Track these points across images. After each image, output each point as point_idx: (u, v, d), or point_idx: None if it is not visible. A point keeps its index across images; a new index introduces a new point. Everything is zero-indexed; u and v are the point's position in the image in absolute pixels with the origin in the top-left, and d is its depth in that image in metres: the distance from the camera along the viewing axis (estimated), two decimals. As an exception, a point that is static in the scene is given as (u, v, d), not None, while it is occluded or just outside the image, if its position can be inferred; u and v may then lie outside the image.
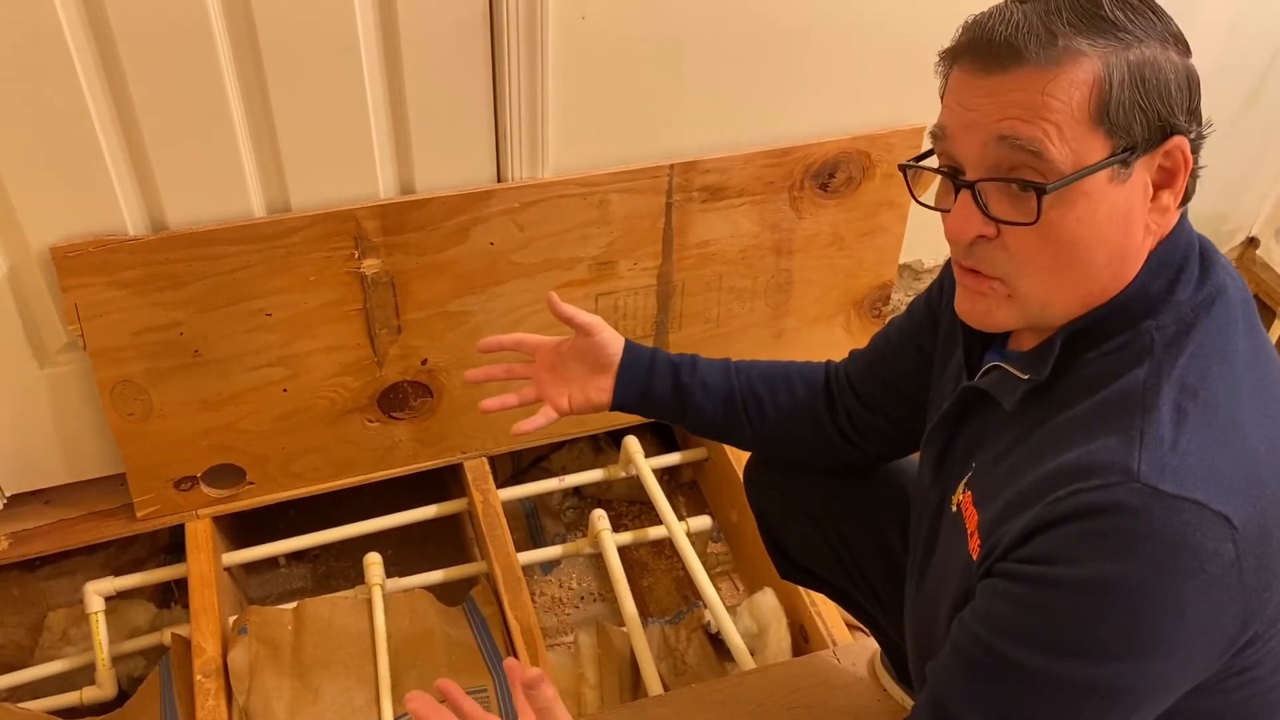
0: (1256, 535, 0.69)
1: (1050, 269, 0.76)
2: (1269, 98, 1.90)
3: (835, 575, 1.20)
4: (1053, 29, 0.71)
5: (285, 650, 1.41)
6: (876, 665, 1.35)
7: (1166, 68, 0.72)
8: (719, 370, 1.11)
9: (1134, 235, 0.76)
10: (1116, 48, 0.71)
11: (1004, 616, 0.74)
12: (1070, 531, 0.70)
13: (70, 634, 1.56)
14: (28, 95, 1.17)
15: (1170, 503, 0.67)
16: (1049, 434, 0.77)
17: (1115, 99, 0.71)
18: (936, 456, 0.92)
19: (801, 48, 1.47)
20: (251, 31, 1.21)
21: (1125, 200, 0.74)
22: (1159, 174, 0.75)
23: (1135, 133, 0.72)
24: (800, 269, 1.66)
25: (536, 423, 1.09)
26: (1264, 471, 0.71)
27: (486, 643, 1.45)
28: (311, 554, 1.74)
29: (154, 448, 1.45)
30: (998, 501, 0.78)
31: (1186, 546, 0.67)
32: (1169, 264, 0.77)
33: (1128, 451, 0.70)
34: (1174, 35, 0.74)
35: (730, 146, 1.51)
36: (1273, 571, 0.70)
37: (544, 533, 1.82)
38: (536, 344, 1.13)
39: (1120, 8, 0.72)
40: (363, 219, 1.37)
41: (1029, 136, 0.72)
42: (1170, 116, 0.73)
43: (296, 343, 1.43)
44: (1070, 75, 0.71)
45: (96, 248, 1.28)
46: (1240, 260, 2.18)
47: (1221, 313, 0.76)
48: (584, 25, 1.34)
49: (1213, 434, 0.71)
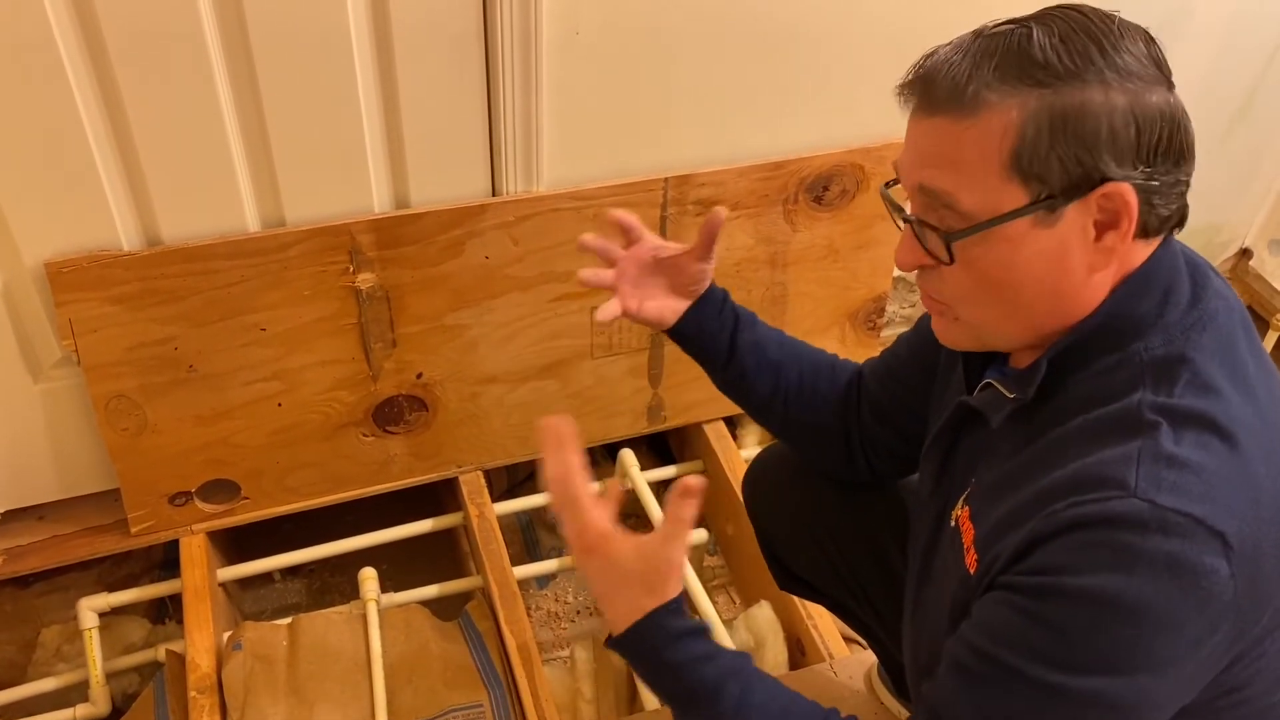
0: (1251, 555, 0.69)
1: (982, 303, 0.78)
2: (1260, 110, 1.91)
3: (833, 587, 1.20)
4: (976, 77, 0.71)
5: (280, 666, 1.40)
6: (873, 678, 1.35)
7: (1099, 113, 0.70)
8: (774, 338, 1.10)
9: (1071, 275, 0.75)
10: (1041, 94, 0.70)
11: (1003, 626, 0.73)
12: (1069, 542, 0.70)
13: (64, 650, 1.56)
14: (22, 110, 1.17)
15: (1168, 517, 0.67)
16: (1044, 450, 0.77)
17: (1030, 149, 0.70)
18: (935, 470, 0.93)
19: (795, 61, 1.48)
20: (246, 46, 1.21)
21: (1057, 243, 0.73)
22: (1100, 216, 0.72)
23: (1054, 181, 0.71)
24: (795, 282, 1.66)
25: (610, 310, 1.07)
26: (1262, 494, 0.71)
27: (482, 658, 1.44)
28: (306, 569, 1.74)
29: (148, 463, 1.44)
30: (993, 516, 0.78)
31: (1184, 563, 0.67)
32: (1154, 287, 0.76)
33: (1126, 467, 0.70)
34: (1126, 72, 0.70)
35: (724, 160, 1.52)
36: (1263, 592, 0.71)
37: (540, 546, 1.81)
38: (642, 233, 1.09)
39: (1057, 50, 0.70)
40: (358, 233, 1.37)
41: (940, 189, 0.74)
42: (1096, 164, 0.70)
43: (291, 357, 1.43)
44: (985, 125, 0.71)
45: (91, 263, 1.28)
46: (1234, 271, 2.18)
47: (1217, 333, 0.76)
48: (578, 40, 1.34)
49: (1211, 454, 0.70)
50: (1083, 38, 0.71)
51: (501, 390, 1.58)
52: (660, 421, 1.73)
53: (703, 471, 1.78)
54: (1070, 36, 0.71)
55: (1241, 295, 2.15)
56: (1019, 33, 0.72)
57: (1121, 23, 0.73)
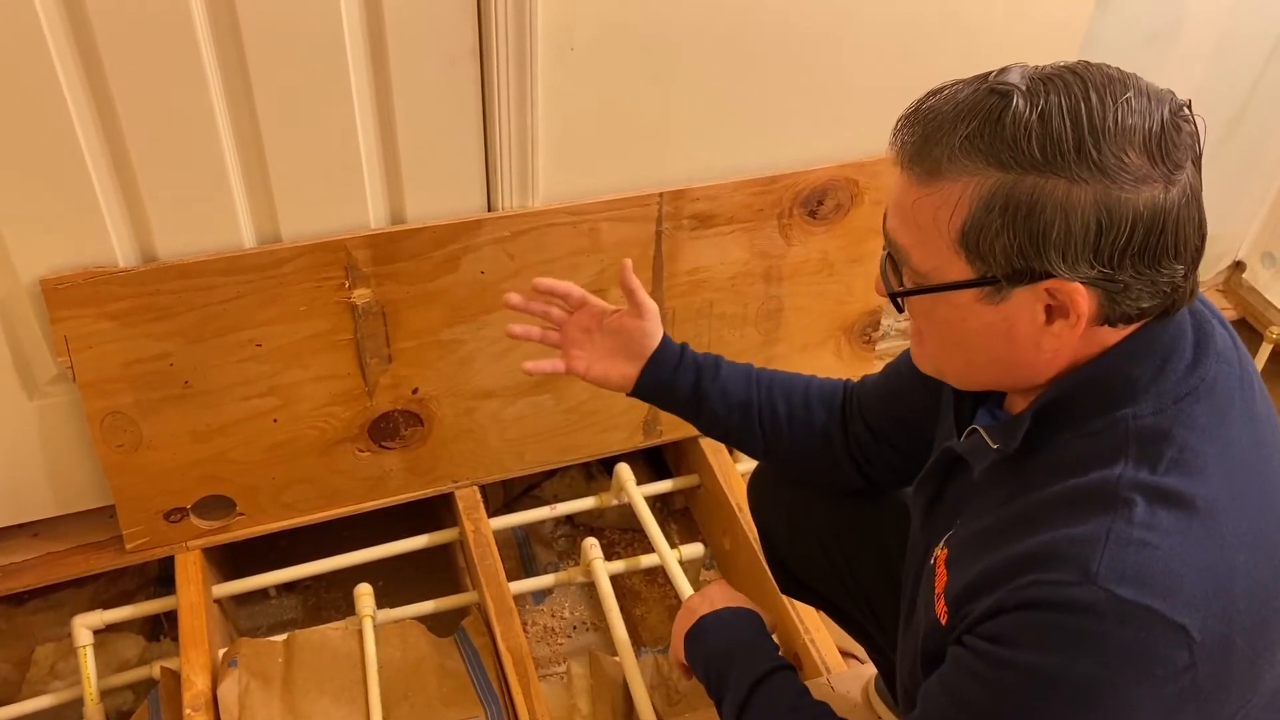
0: (1218, 646, 0.67)
1: (940, 348, 0.80)
2: (1252, 123, 1.92)
3: (836, 592, 1.20)
4: (946, 141, 0.69)
5: (276, 683, 1.40)
6: (870, 692, 1.35)
7: (1055, 208, 0.67)
8: (741, 379, 1.10)
9: (1019, 351, 0.74)
10: (1001, 177, 0.68)
11: (960, 687, 0.75)
12: (1024, 619, 0.70)
13: (58, 668, 1.55)
14: (17, 126, 1.18)
15: (1125, 608, 0.66)
16: (1022, 512, 0.75)
17: (978, 228, 0.69)
18: (925, 507, 0.93)
19: (790, 76, 1.49)
20: (242, 62, 1.22)
21: (1002, 319, 0.72)
22: (1052, 303, 0.71)
23: (997, 264, 0.70)
24: (790, 295, 1.67)
25: (543, 367, 1.10)
26: (1237, 583, 0.68)
27: (478, 673, 1.44)
28: (302, 585, 1.73)
29: (143, 479, 1.44)
30: (966, 574, 0.77)
31: (1137, 652, 0.66)
32: (1153, 350, 0.73)
33: (1091, 549, 0.68)
34: (1103, 168, 0.66)
35: (719, 174, 1.52)
36: (1233, 678, 0.69)
37: (536, 562, 1.81)
38: (583, 298, 1.11)
39: (1031, 132, 0.67)
40: (353, 249, 1.37)
41: (900, 243, 0.75)
42: (1040, 257, 0.68)
43: (287, 373, 1.43)
44: (943, 194, 0.70)
45: (86, 279, 1.28)
46: (1227, 284, 2.19)
47: (1212, 403, 0.73)
48: (573, 56, 1.35)
49: (1185, 540, 0.68)
50: (1067, 122, 0.66)
51: (497, 405, 1.58)
52: (656, 436, 1.73)
53: (698, 486, 1.78)
54: (1052, 118, 0.67)
55: (1235, 308, 2.15)
56: (1002, 102, 0.68)
57: (1126, 105, 0.67)
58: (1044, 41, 1.58)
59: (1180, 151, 0.68)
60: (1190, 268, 0.71)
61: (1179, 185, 0.68)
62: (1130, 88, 0.68)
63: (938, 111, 0.71)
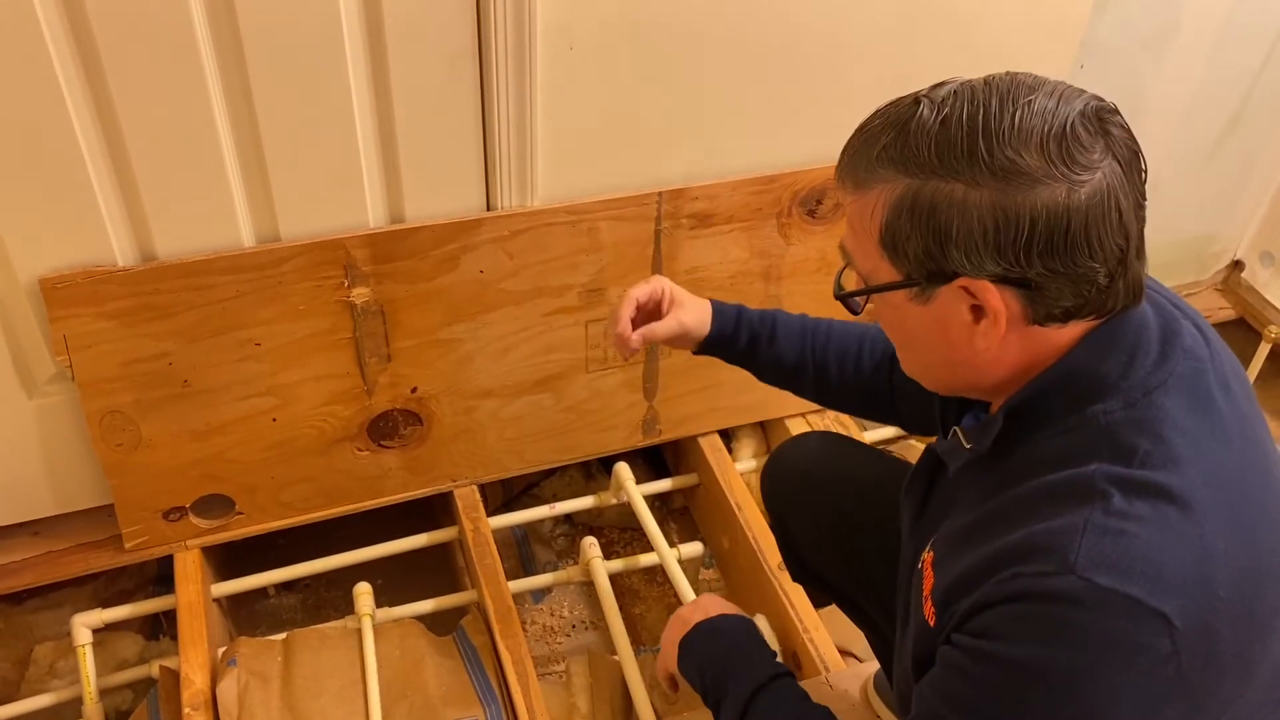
0: (1200, 633, 0.67)
1: (901, 351, 0.85)
2: (1250, 123, 1.92)
3: (848, 585, 1.20)
4: (869, 152, 0.74)
5: (275, 682, 1.40)
6: (869, 691, 1.35)
7: (954, 209, 0.70)
8: (795, 344, 1.14)
9: (958, 349, 0.76)
10: (909, 183, 0.72)
11: (949, 685, 0.75)
12: (1007, 611, 0.71)
13: (57, 667, 1.55)
14: (15, 125, 1.18)
15: (1105, 596, 0.67)
16: (1001, 509, 0.76)
17: (892, 232, 0.74)
18: (914, 511, 0.94)
19: (789, 76, 1.49)
20: (241, 62, 1.22)
21: (935, 320, 0.76)
22: (975, 302, 0.73)
23: (912, 265, 0.74)
24: (789, 295, 1.67)
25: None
26: (1217, 570, 0.69)
27: (477, 672, 1.44)
28: (301, 584, 1.73)
29: (142, 478, 1.44)
30: (950, 573, 0.78)
31: (1118, 640, 0.67)
32: (1119, 347, 0.74)
33: (1070, 540, 0.69)
34: (1000, 170, 0.68)
35: (718, 174, 1.52)
36: (1221, 667, 0.69)
37: (535, 561, 1.81)
38: (651, 332, 1.14)
39: (932, 138, 0.71)
40: (352, 248, 1.37)
41: (847, 248, 0.80)
42: (945, 257, 0.72)
43: (286, 372, 1.43)
44: (868, 200, 0.75)
45: (85, 279, 1.28)
46: (1226, 284, 2.19)
47: (1182, 396, 0.74)
48: (572, 55, 1.35)
49: (1163, 529, 0.69)
50: (963, 127, 0.70)
51: (496, 404, 1.58)
52: (655, 435, 1.73)
53: (698, 485, 1.78)
54: (950, 124, 0.70)
55: (1233, 307, 2.15)
56: (910, 111, 0.73)
57: (1027, 108, 0.69)
58: (1043, 42, 1.59)
59: (1088, 153, 0.69)
60: (1116, 268, 0.72)
61: (1088, 186, 0.69)
62: (1039, 92, 0.70)
63: (869, 127, 0.76)
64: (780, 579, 1.52)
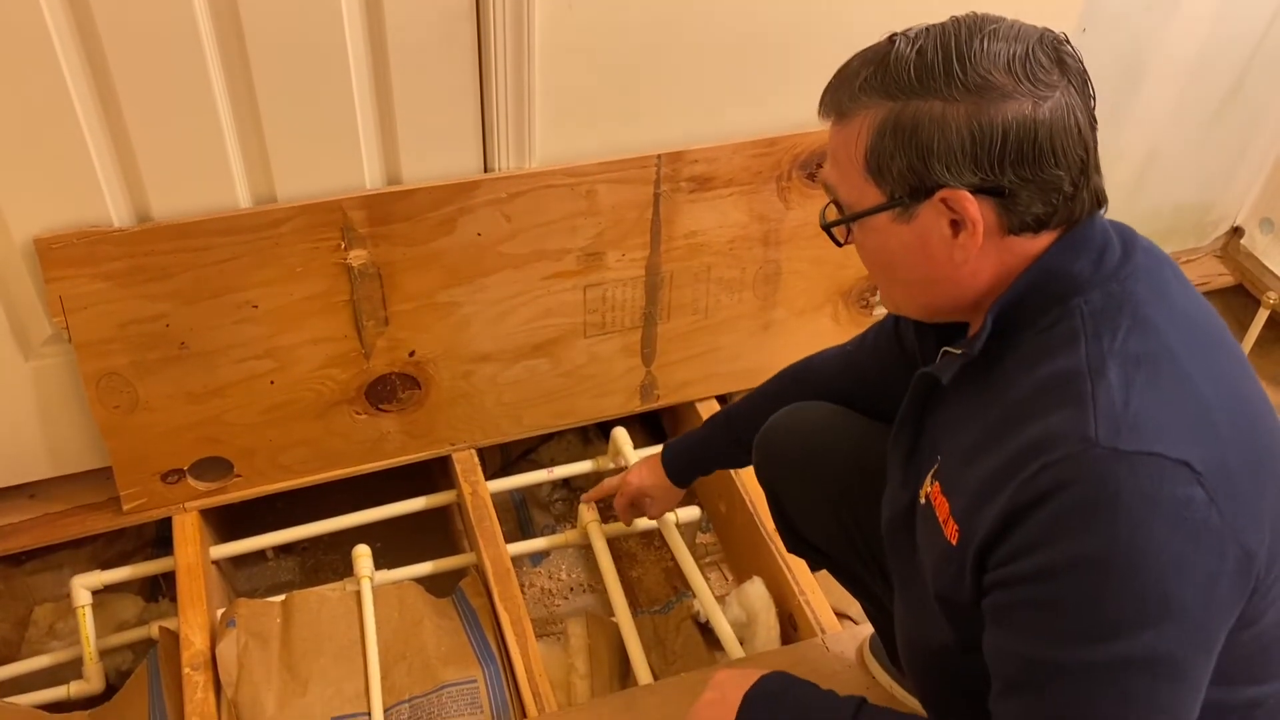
0: (1221, 474, 0.72)
1: (882, 280, 0.90)
2: (1251, 89, 1.91)
3: (843, 552, 1.20)
4: (851, 85, 0.81)
5: (274, 643, 1.40)
6: (865, 653, 1.36)
7: (934, 124, 0.77)
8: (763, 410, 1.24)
9: (938, 265, 0.82)
10: (890, 105, 0.78)
11: (1022, 624, 0.75)
12: (1045, 516, 0.72)
13: (57, 628, 1.56)
14: (10, 86, 1.16)
15: (1132, 459, 0.70)
16: (1002, 415, 0.80)
17: (877, 154, 0.80)
18: (905, 454, 0.95)
19: (789, 37, 1.47)
20: (236, 20, 1.20)
21: (917, 237, 0.82)
22: (953, 216, 0.79)
23: (897, 184, 0.80)
24: (788, 259, 1.66)
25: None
26: (1216, 415, 0.75)
27: (476, 634, 1.45)
28: (300, 547, 1.74)
29: (140, 441, 1.44)
30: (967, 488, 0.80)
31: (1159, 499, 0.69)
32: (1089, 247, 0.81)
33: (1083, 419, 0.73)
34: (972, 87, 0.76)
35: (718, 136, 1.51)
36: (1251, 505, 0.73)
37: (533, 524, 1.82)
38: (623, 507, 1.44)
39: (909, 64, 0.78)
40: (349, 210, 1.36)
41: (829, 182, 0.87)
42: (928, 172, 0.78)
43: (283, 335, 1.43)
44: (851, 129, 0.81)
45: (81, 239, 1.27)
46: (1225, 250, 2.19)
47: (1150, 278, 0.81)
48: (570, 15, 1.34)
49: (1160, 390, 0.74)
50: (939, 53, 0.77)
51: (494, 368, 1.58)
52: (653, 400, 1.73)
53: (695, 449, 1.78)
54: (926, 51, 0.78)
55: (1232, 274, 2.15)
56: (887, 46, 0.80)
57: (993, 34, 0.77)
58: (1046, 4, 1.57)
59: (1049, 74, 0.77)
60: (1079, 176, 0.79)
61: (1050, 102, 0.77)
62: (1001, 24, 0.79)
63: (848, 66, 0.83)
64: (776, 543, 1.53)
